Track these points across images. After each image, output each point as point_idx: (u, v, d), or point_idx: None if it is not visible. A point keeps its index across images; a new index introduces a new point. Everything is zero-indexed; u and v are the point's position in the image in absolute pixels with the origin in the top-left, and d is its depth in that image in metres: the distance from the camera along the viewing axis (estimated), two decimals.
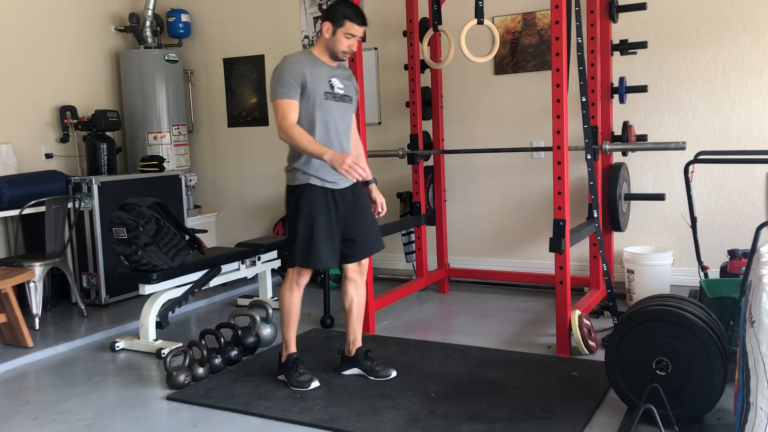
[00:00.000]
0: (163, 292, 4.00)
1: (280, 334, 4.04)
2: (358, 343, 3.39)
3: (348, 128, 3.30)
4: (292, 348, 3.34)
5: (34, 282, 4.38)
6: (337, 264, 3.27)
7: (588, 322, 3.66)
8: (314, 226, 3.14)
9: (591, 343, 3.55)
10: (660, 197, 4.45)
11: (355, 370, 3.38)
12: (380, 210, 3.35)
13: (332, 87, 3.20)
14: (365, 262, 3.38)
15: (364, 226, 3.30)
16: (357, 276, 3.36)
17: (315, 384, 3.26)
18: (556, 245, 3.52)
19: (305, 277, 3.31)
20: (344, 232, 3.23)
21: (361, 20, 3.18)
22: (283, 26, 5.95)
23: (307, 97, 3.14)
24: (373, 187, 3.35)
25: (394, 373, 3.32)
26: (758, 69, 4.35)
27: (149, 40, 6.10)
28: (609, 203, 4.32)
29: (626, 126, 4.32)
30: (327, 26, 3.18)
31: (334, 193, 3.19)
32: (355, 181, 3.11)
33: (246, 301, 4.90)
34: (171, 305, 4.11)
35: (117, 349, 4.01)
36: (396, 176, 5.44)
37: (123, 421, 3.01)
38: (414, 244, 4.94)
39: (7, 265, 4.42)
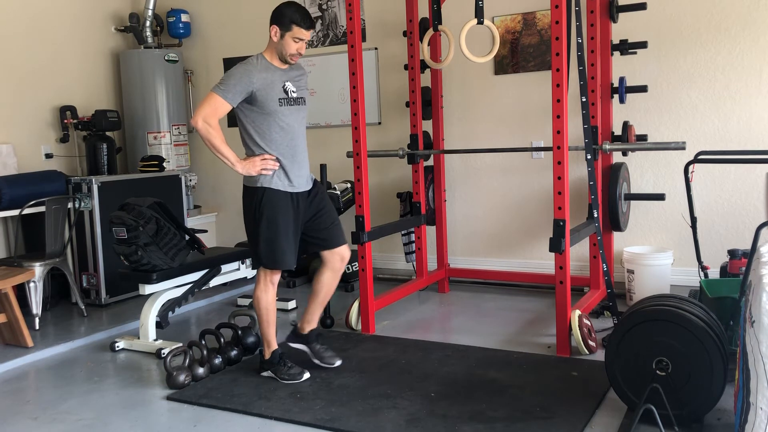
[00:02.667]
0: (163, 292, 4.00)
1: (279, 333, 4.05)
2: (313, 325, 3.49)
3: (303, 130, 3.36)
4: (275, 345, 3.38)
5: (34, 282, 4.38)
6: (296, 264, 3.32)
7: (588, 322, 3.66)
8: (277, 229, 3.21)
9: (591, 343, 3.55)
10: (660, 197, 4.45)
11: (301, 347, 3.48)
12: None
13: (286, 92, 3.23)
14: (347, 254, 3.44)
15: (330, 221, 3.41)
16: (339, 266, 3.43)
17: (306, 375, 3.32)
18: (556, 245, 3.52)
19: (276, 275, 3.34)
20: (313, 230, 3.34)
21: (309, 24, 3.21)
22: None
23: (260, 105, 3.17)
24: None
25: (339, 362, 3.43)
26: (758, 69, 4.35)
27: (149, 40, 6.10)
28: (609, 203, 4.32)
29: (626, 126, 4.32)
30: (275, 30, 3.20)
31: (293, 196, 3.26)
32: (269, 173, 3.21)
33: (246, 301, 4.90)
34: (171, 305, 4.11)
35: (117, 349, 4.01)
36: (396, 176, 5.44)
37: (123, 421, 3.02)
38: (414, 244, 4.93)
39: (7, 265, 4.42)
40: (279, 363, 3.34)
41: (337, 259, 3.40)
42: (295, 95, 3.27)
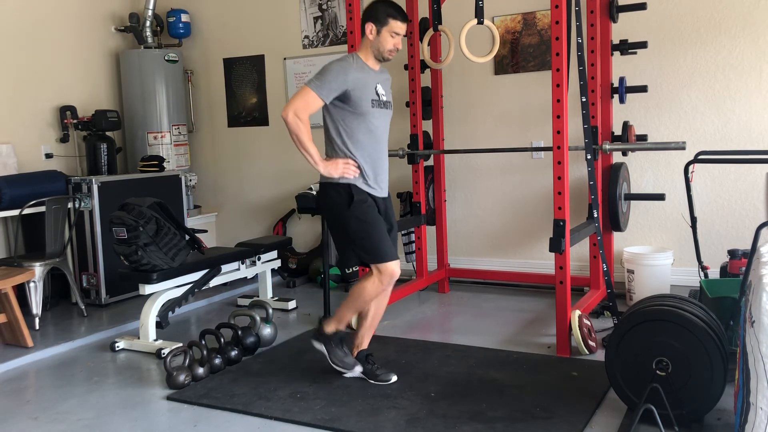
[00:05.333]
0: (163, 292, 4.00)
1: (280, 333, 4.06)
2: (362, 347, 3.36)
3: (387, 133, 3.28)
4: (344, 326, 3.28)
5: (34, 282, 4.38)
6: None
7: (588, 322, 3.66)
8: (378, 223, 3.12)
9: (591, 343, 3.55)
10: (660, 197, 4.45)
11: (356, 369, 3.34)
12: None
13: (378, 94, 3.17)
14: (398, 270, 3.24)
15: (394, 237, 3.31)
16: (392, 283, 3.26)
17: (359, 369, 3.26)
18: (556, 245, 3.52)
19: (389, 274, 3.12)
20: None
21: (404, 17, 3.16)
22: (283, 26, 5.95)
23: (353, 104, 3.09)
24: None
25: (394, 378, 3.26)
26: (758, 69, 4.35)
27: (149, 40, 6.10)
28: (609, 203, 4.32)
29: (626, 126, 4.32)
30: (370, 27, 3.13)
31: (375, 198, 3.20)
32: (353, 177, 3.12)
33: (246, 301, 4.90)
34: (171, 305, 4.11)
35: (117, 349, 4.01)
36: (396, 176, 5.43)
37: (123, 421, 3.01)
38: (414, 244, 4.94)
39: (7, 265, 4.42)
40: (338, 345, 3.26)
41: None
42: (384, 98, 3.21)
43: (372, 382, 3.27)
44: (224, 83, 6.33)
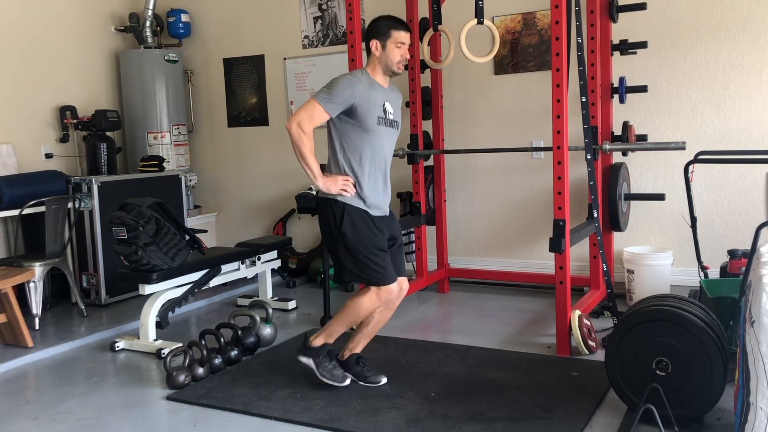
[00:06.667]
0: (163, 292, 4.00)
1: (279, 334, 4.06)
2: (356, 351, 3.32)
3: (391, 153, 3.24)
4: (332, 340, 3.24)
5: (34, 282, 4.38)
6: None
7: (588, 322, 3.66)
8: (372, 245, 3.06)
9: (591, 343, 3.55)
10: (660, 197, 4.45)
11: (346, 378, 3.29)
12: None
13: (385, 112, 3.13)
14: (406, 285, 3.24)
15: (399, 252, 3.28)
16: (395, 299, 3.20)
17: (348, 381, 3.22)
18: (556, 245, 3.52)
19: (386, 293, 3.10)
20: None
21: (406, 27, 3.15)
22: (283, 26, 5.95)
23: (359, 120, 3.06)
24: None
25: (384, 380, 3.24)
26: (758, 69, 4.35)
27: (149, 40, 6.10)
28: (609, 203, 4.32)
29: (626, 126, 4.32)
30: (375, 44, 3.11)
31: (373, 217, 3.14)
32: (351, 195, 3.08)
33: (246, 301, 4.90)
34: (171, 305, 4.11)
35: (117, 349, 4.01)
36: (396, 176, 5.40)
37: (123, 421, 3.01)
38: (414, 244, 4.94)
39: (7, 265, 4.42)
40: (326, 357, 3.23)
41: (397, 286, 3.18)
42: (391, 117, 3.17)
43: (362, 383, 3.24)
44: (224, 83, 6.33)
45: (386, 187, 3.22)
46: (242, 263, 4.60)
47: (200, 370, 3.41)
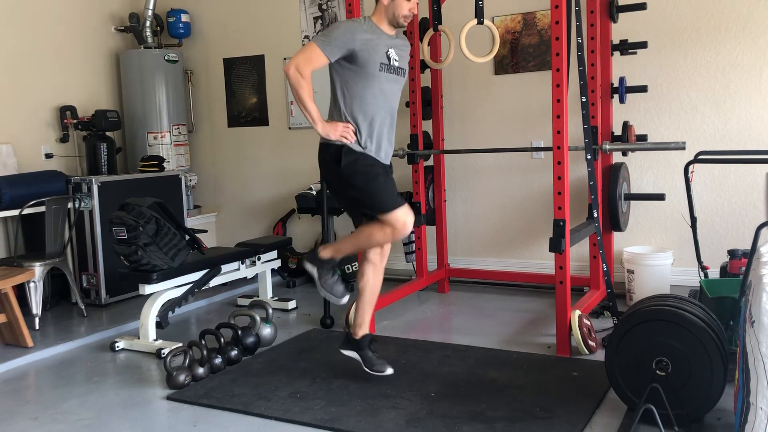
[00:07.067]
0: (163, 292, 4.00)
1: (279, 333, 4.06)
2: (366, 329, 3.28)
3: (397, 101, 3.18)
4: (339, 256, 3.24)
5: (34, 282, 4.38)
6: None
7: (588, 322, 3.66)
8: (375, 173, 3.04)
9: (591, 343, 3.55)
10: (660, 197, 4.45)
11: (353, 354, 3.28)
12: None
13: (389, 58, 3.08)
14: (388, 245, 3.25)
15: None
16: (377, 258, 3.25)
17: (346, 299, 3.24)
18: (556, 245, 3.52)
19: (408, 224, 3.04)
20: None
21: None
22: (283, 26, 5.95)
23: (360, 66, 3.01)
24: None
25: (390, 371, 3.22)
26: (758, 69, 4.35)
27: (149, 40, 6.10)
28: (609, 203, 4.32)
29: (626, 126, 4.32)
30: None
31: (377, 159, 3.12)
32: (345, 142, 3.04)
33: (246, 301, 4.90)
34: (171, 305, 4.11)
35: (117, 349, 4.01)
36: (396, 176, 5.37)
37: (123, 421, 3.01)
38: (414, 244, 4.93)
39: (7, 265, 4.42)
40: (330, 271, 3.21)
41: (373, 249, 3.19)
42: (396, 64, 3.10)
43: (366, 369, 3.22)
44: (224, 83, 6.33)
45: (391, 139, 3.17)
46: (242, 263, 4.60)
47: (200, 370, 3.41)
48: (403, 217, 3.04)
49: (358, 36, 3.00)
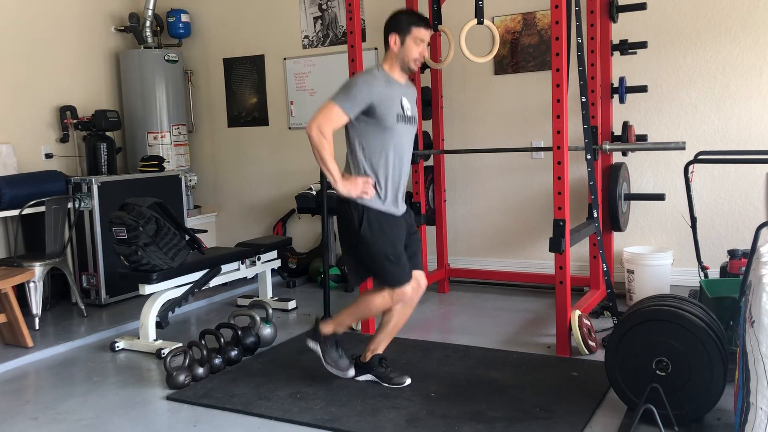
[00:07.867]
0: (163, 292, 4.00)
1: (279, 333, 4.06)
2: (378, 352, 3.30)
3: (410, 150, 3.20)
4: (342, 330, 3.27)
5: (34, 282, 4.38)
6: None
7: (588, 322, 3.66)
8: (390, 245, 3.04)
9: (591, 343, 3.55)
10: (660, 197, 4.45)
11: (368, 377, 3.28)
12: None
13: (403, 109, 3.09)
14: (424, 282, 3.23)
15: (417, 246, 3.27)
16: (413, 297, 3.19)
17: (351, 373, 3.25)
18: (556, 245, 3.52)
19: (400, 294, 3.09)
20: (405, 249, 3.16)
21: (427, 23, 3.11)
22: (283, 26, 5.95)
23: (378, 119, 3.01)
24: None
25: (408, 381, 3.22)
26: (758, 69, 4.35)
27: (149, 40, 6.10)
28: (609, 203, 4.32)
29: (626, 126, 4.32)
30: (394, 38, 3.07)
31: (393, 220, 3.12)
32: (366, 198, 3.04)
33: (246, 301, 4.90)
34: (171, 305, 4.11)
35: (117, 349, 4.01)
36: None
37: (123, 421, 3.01)
38: None
39: (7, 265, 4.42)
40: (334, 347, 3.24)
41: (413, 285, 3.14)
42: (409, 114, 3.11)
43: (385, 385, 3.22)
44: (224, 83, 6.33)
45: (404, 185, 3.18)
46: (242, 263, 4.60)
47: (200, 370, 3.41)
48: (405, 289, 3.08)
49: (375, 89, 3.00)
